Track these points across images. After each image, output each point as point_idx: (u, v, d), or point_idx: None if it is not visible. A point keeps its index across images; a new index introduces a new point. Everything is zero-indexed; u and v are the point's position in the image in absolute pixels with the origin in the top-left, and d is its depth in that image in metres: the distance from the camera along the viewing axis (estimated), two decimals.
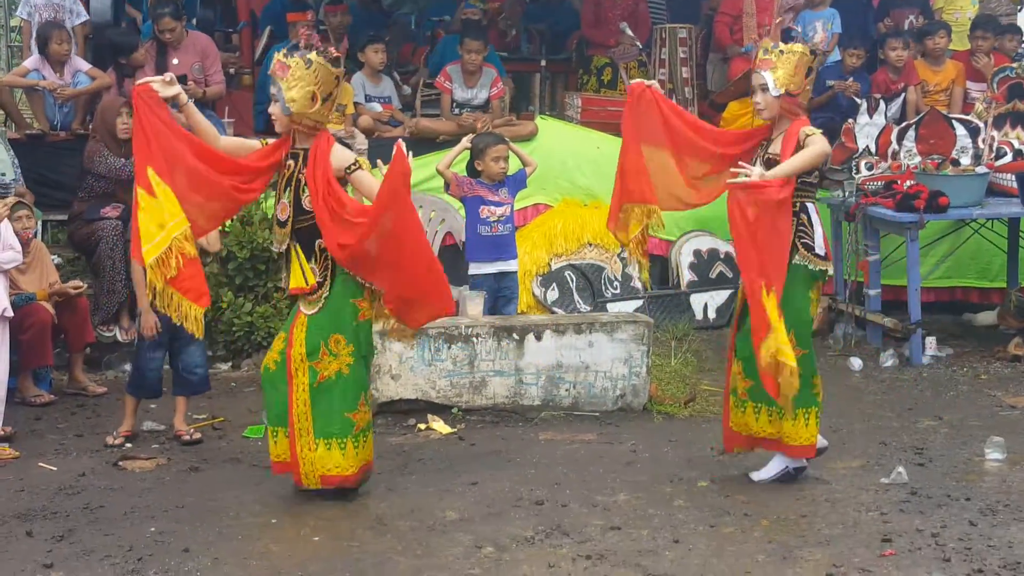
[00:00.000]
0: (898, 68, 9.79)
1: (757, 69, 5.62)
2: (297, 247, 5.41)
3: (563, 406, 6.96)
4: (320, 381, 5.36)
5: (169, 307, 5.27)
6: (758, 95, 5.61)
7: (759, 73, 5.60)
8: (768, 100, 5.58)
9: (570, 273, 9.03)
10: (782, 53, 5.58)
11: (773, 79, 5.55)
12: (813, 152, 5.47)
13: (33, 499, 5.60)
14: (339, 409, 5.40)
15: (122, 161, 7.89)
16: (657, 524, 5.23)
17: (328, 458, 5.41)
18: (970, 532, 5.12)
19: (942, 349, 8.45)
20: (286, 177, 5.41)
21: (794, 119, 5.59)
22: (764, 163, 5.57)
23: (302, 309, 5.44)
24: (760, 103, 5.62)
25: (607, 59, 10.85)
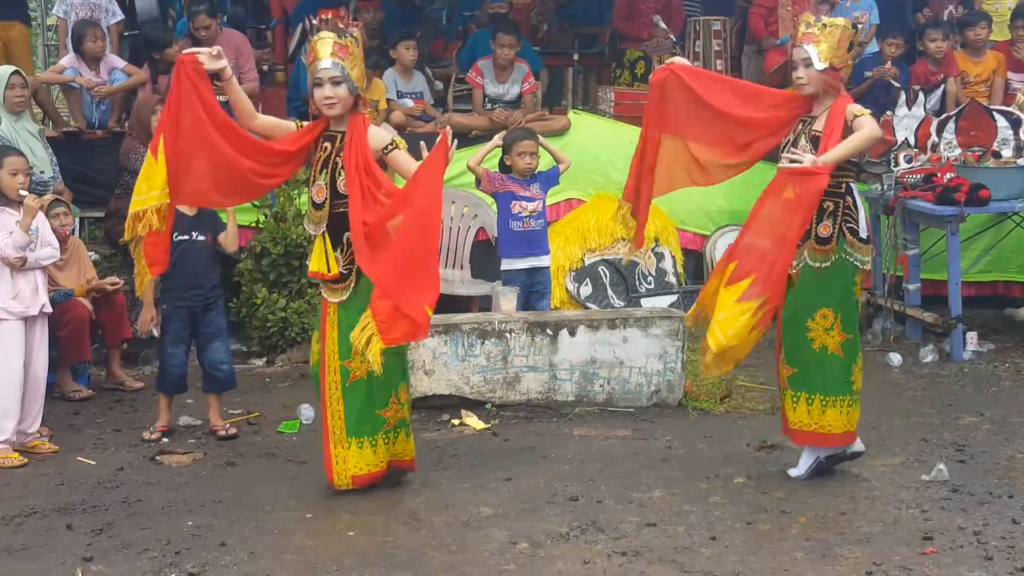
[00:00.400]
0: (937, 59, 9.70)
1: (800, 43, 5.51)
2: (326, 233, 5.39)
3: (597, 402, 6.93)
4: (352, 380, 5.35)
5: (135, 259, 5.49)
6: (800, 69, 5.51)
7: (801, 47, 5.50)
8: (811, 74, 5.49)
9: (603, 268, 8.99)
10: (825, 27, 5.51)
11: (817, 52, 5.47)
12: (865, 136, 5.39)
13: (72, 493, 5.63)
14: (369, 408, 5.40)
15: None
16: (693, 521, 5.19)
17: (360, 457, 5.41)
18: (1013, 530, 5.05)
19: (983, 344, 8.38)
20: (322, 159, 5.38)
21: (837, 95, 5.52)
22: (809, 139, 5.49)
23: (327, 297, 5.44)
24: (803, 77, 5.50)
25: (640, 52, 10.80)
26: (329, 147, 5.38)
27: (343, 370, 5.35)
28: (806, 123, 5.59)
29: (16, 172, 6.27)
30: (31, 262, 6.25)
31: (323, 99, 5.32)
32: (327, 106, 5.34)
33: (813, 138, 5.49)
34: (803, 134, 5.56)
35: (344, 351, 5.34)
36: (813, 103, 5.59)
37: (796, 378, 5.60)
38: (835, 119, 5.42)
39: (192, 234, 6.47)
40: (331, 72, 5.31)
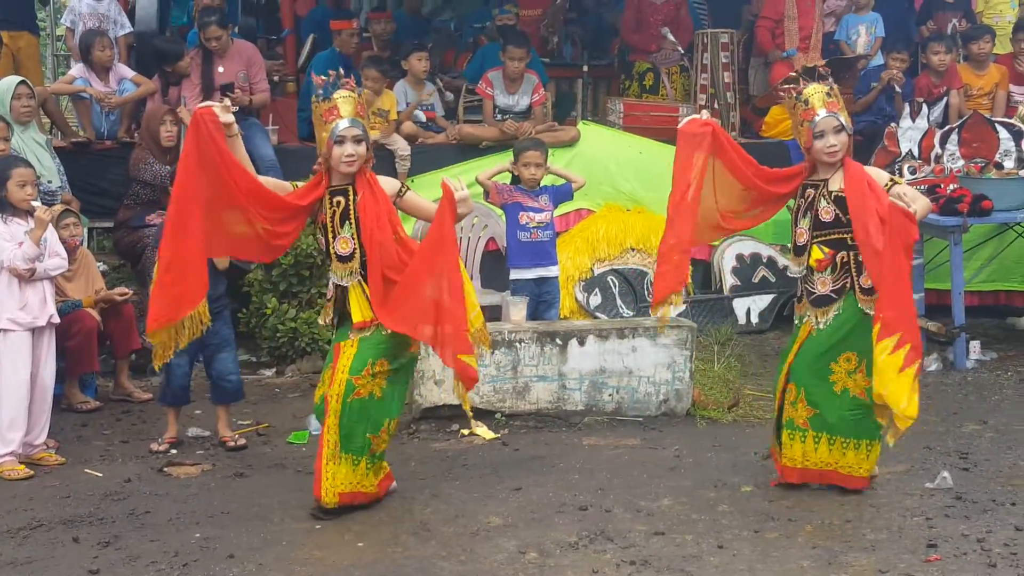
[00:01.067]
0: (940, 72, 9.73)
1: (830, 112, 5.53)
2: (362, 281, 5.39)
3: (606, 411, 6.96)
4: (354, 397, 5.37)
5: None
6: (831, 137, 5.50)
7: (833, 116, 5.52)
8: (843, 140, 5.53)
9: (613, 278, 9.02)
10: (839, 95, 5.62)
11: (844, 119, 5.56)
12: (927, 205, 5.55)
13: (79, 505, 5.65)
14: (362, 430, 5.38)
15: (167, 169, 7.97)
16: (701, 529, 5.21)
17: (351, 474, 5.40)
18: (1016, 537, 5.07)
19: (986, 353, 8.40)
20: (339, 213, 5.37)
21: (846, 157, 5.59)
22: (831, 201, 5.52)
23: (352, 335, 5.43)
24: (836, 145, 5.51)
25: (649, 64, 10.86)
26: (343, 201, 5.38)
27: (349, 384, 5.35)
28: (818, 187, 5.60)
29: (24, 183, 6.29)
30: (39, 273, 6.27)
31: (345, 156, 5.33)
32: (347, 163, 5.34)
33: (836, 199, 5.52)
34: (821, 197, 5.57)
35: (356, 367, 5.34)
36: (820, 169, 5.62)
37: (820, 419, 5.59)
38: (856, 178, 5.48)
39: None
40: (354, 131, 5.34)
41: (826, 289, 5.57)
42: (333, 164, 5.36)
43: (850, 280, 5.54)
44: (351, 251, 5.38)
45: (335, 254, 5.41)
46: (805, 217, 5.62)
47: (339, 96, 5.37)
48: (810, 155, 5.63)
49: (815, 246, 5.59)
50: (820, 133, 5.53)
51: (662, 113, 10.18)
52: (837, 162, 5.56)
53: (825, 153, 5.54)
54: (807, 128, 5.56)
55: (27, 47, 10.06)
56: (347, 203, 5.38)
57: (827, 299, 5.57)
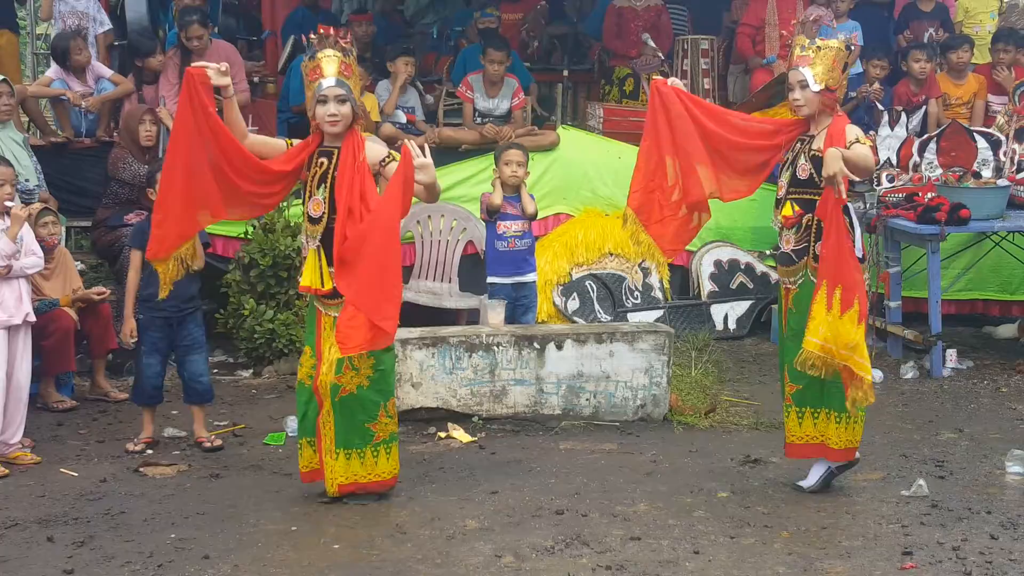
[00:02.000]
0: (920, 80, 9.78)
1: (795, 66, 5.57)
2: (321, 249, 5.41)
3: (583, 416, 6.96)
4: (342, 395, 5.39)
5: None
6: (797, 92, 5.56)
7: (798, 69, 5.55)
8: (808, 96, 5.54)
9: (591, 283, 9.03)
10: (819, 49, 5.57)
11: (812, 75, 5.53)
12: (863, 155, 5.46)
13: (54, 505, 5.62)
14: (360, 421, 5.46)
15: (146, 168, 7.94)
16: (677, 535, 5.22)
17: (347, 467, 5.48)
18: (991, 546, 5.10)
19: (963, 361, 8.43)
20: (318, 174, 5.41)
21: (834, 115, 5.59)
22: (809, 159, 5.54)
23: (322, 309, 5.47)
24: (800, 99, 5.56)
25: (629, 69, 10.87)
26: (326, 163, 5.41)
27: (333, 387, 5.38)
28: (804, 142, 5.64)
29: (3, 183, 6.28)
30: (15, 271, 6.25)
31: (327, 116, 5.36)
32: (331, 123, 5.37)
33: (813, 157, 5.54)
34: (802, 153, 5.61)
35: (337, 368, 5.37)
36: (810, 123, 5.64)
37: (801, 394, 5.64)
38: (835, 138, 5.45)
39: None
40: (337, 90, 5.36)
41: (789, 247, 5.64)
42: (318, 123, 5.39)
43: (808, 245, 5.57)
44: (320, 214, 5.39)
45: (307, 214, 5.44)
46: (787, 171, 5.64)
47: (323, 55, 5.40)
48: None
49: (789, 202, 5.61)
50: (790, 86, 5.60)
51: (641, 118, 10.02)
52: (806, 117, 5.60)
53: (792, 107, 5.62)
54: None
55: (7, 45, 10.00)
56: (329, 165, 5.39)
57: (788, 258, 5.65)
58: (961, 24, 10.97)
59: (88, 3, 9.79)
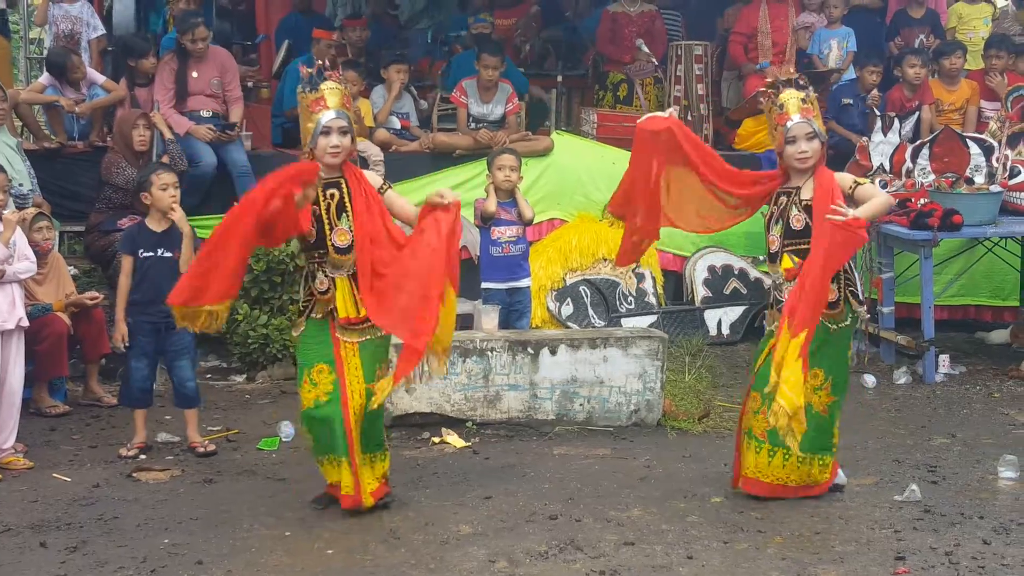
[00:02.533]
0: (914, 86, 9.81)
1: (803, 119, 5.54)
2: (353, 277, 5.40)
3: (577, 421, 6.96)
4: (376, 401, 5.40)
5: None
6: (804, 144, 5.52)
7: (806, 122, 5.54)
8: (815, 148, 5.54)
9: (585, 288, 9.04)
10: (813, 102, 5.62)
11: (817, 127, 5.57)
12: (884, 202, 5.54)
13: (47, 510, 5.62)
14: (380, 427, 5.58)
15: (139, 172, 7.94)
16: (671, 540, 5.22)
17: (372, 474, 5.52)
18: (983, 551, 5.11)
19: (955, 367, 8.45)
20: (334, 205, 5.37)
21: (818, 165, 5.61)
22: (801, 208, 5.53)
23: (343, 338, 5.41)
24: (808, 152, 5.53)
25: (623, 75, 10.89)
26: (338, 193, 5.38)
27: (368, 393, 5.38)
28: (790, 195, 5.61)
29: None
30: (9, 275, 6.25)
31: (330, 148, 5.35)
32: (332, 154, 5.36)
33: (806, 207, 5.52)
34: (792, 204, 5.58)
35: (368, 375, 5.39)
36: (792, 176, 5.63)
37: (775, 433, 5.44)
38: (828, 185, 5.46)
39: (158, 251, 6.47)
40: (340, 122, 5.37)
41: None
42: (318, 155, 5.37)
43: None
44: (348, 243, 5.37)
45: (332, 246, 5.38)
46: (777, 224, 5.64)
47: (326, 87, 5.39)
48: (782, 160, 5.65)
49: (786, 255, 5.60)
50: (792, 138, 5.55)
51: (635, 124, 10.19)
52: (808, 169, 5.57)
53: (796, 159, 5.56)
54: (780, 132, 5.58)
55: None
56: (341, 195, 5.38)
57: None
58: (954, 30, 11.01)
59: (82, 8, 9.81)
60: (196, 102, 9.04)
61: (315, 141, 5.36)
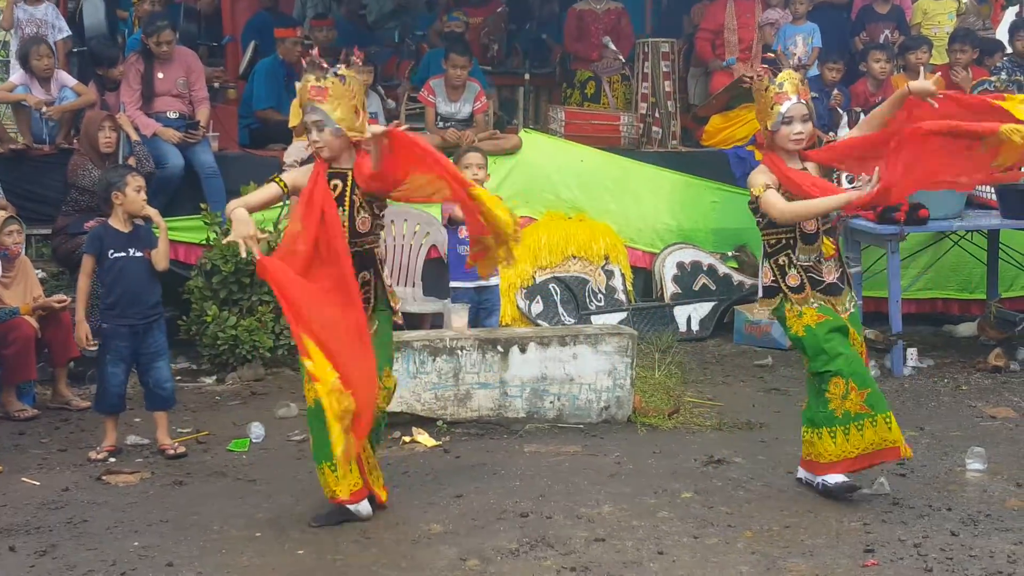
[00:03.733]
0: (879, 80, 9.87)
1: (801, 100, 5.55)
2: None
3: (548, 418, 6.97)
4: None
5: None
6: (799, 125, 5.53)
7: (803, 103, 5.56)
8: (809, 130, 5.58)
9: (554, 286, 9.06)
10: (807, 87, 5.66)
11: (811, 110, 5.61)
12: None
13: (16, 514, 5.58)
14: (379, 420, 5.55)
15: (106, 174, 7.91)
16: (641, 535, 5.24)
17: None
18: (951, 542, 5.15)
19: (923, 360, 8.51)
20: (335, 197, 5.30)
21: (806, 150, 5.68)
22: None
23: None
24: (804, 134, 5.56)
25: (590, 73, 10.92)
26: (340, 184, 5.31)
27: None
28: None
29: None
30: None
31: (312, 144, 5.31)
32: (317, 150, 5.31)
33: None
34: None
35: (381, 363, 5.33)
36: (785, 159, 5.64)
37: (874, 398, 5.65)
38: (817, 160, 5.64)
39: (128, 251, 6.41)
40: (312, 116, 5.26)
41: (832, 278, 5.64)
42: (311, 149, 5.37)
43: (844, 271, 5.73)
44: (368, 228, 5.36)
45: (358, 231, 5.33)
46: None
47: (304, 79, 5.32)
48: (770, 142, 5.62)
49: (822, 236, 5.62)
50: (789, 119, 5.55)
51: (603, 122, 10.24)
52: (797, 151, 5.59)
53: (791, 139, 5.56)
54: (775, 112, 5.56)
55: None
56: (343, 187, 5.31)
57: (836, 287, 5.65)
58: (920, 26, 11.09)
59: (47, 10, 9.75)
60: (162, 103, 9.02)
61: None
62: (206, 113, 9.20)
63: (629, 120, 10.19)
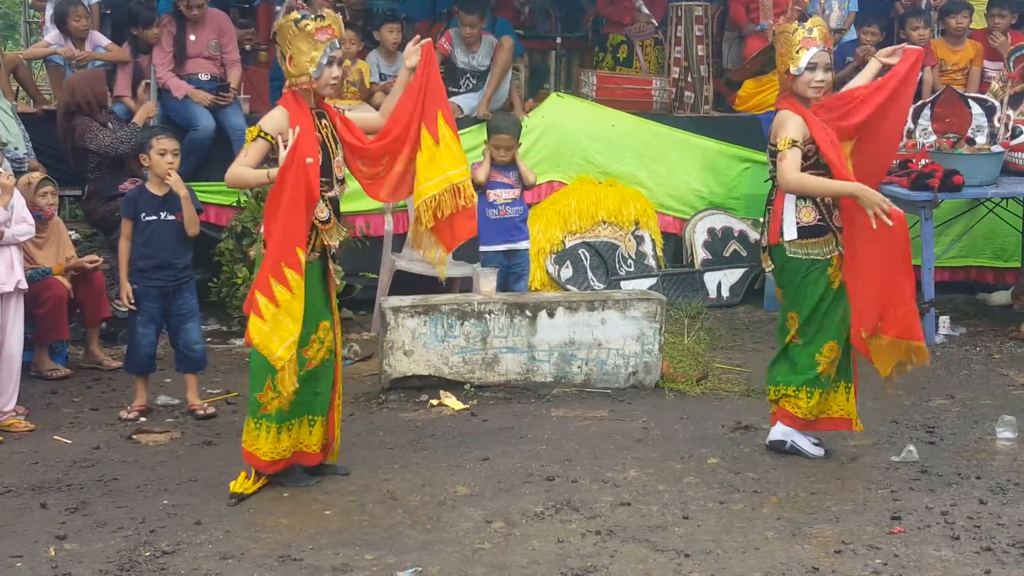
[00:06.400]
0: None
1: (827, 49, 5.52)
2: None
3: (575, 383, 6.98)
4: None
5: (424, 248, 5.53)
6: (821, 73, 5.50)
7: (828, 52, 5.53)
8: (829, 80, 5.56)
9: (584, 251, 9.03)
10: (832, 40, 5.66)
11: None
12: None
13: (48, 471, 5.65)
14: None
15: (109, 139, 7.96)
16: (667, 500, 5.24)
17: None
18: (979, 511, 5.13)
19: (955, 328, 8.46)
20: (330, 134, 5.34)
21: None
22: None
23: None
24: (824, 82, 5.53)
25: (623, 37, 10.83)
26: (328, 124, 5.36)
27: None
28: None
29: None
30: (7, 238, 6.24)
31: (332, 78, 5.30)
32: (333, 85, 5.33)
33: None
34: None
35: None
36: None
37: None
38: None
39: (161, 214, 6.46)
40: (340, 53, 5.32)
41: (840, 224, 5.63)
42: (320, 84, 5.30)
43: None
44: (343, 175, 5.41)
45: (336, 177, 5.36)
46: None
47: (331, 16, 5.31)
48: (793, 86, 5.56)
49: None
50: (813, 65, 5.50)
51: (635, 86, 10.18)
52: (817, 98, 5.55)
53: (812, 86, 5.52)
54: (800, 56, 5.50)
55: None
56: (332, 126, 5.36)
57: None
58: None
59: None
60: (194, 65, 9.02)
61: (320, 71, 5.26)
62: (237, 75, 9.20)
63: (661, 84, 10.12)
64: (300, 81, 5.29)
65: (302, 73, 5.27)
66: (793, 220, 5.56)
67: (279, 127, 5.23)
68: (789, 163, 5.41)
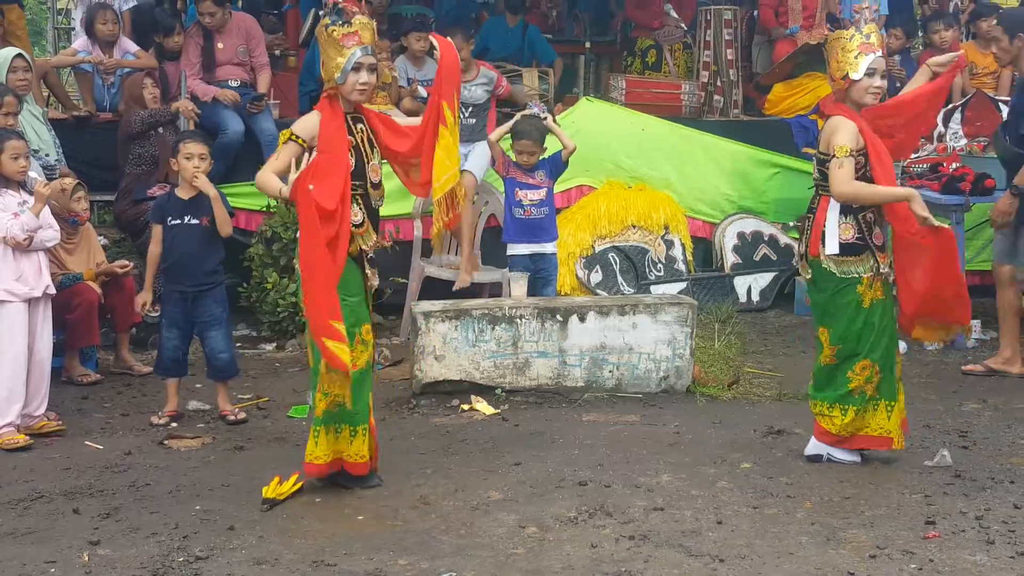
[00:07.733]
0: (943, 51, 9.69)
1: (881, 53, 5.48)
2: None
3: (606, 387, 6.96)
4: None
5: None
6: (878, 80, 5.46)
7: (884, 57, 5.50)
8: (884, 87, 5.53)
9: (614, 255, 9.02)
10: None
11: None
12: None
13: (80, 477, 5.66)
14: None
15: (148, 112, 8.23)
16: (700, 505, 5.22)
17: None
18: (1014, 515, 5.08)
19: (987, 332, 8.40)
20: (365, 139, 5.35)
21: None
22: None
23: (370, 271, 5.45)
24: (881, 89, 5.50)
25: (652, 41, 10.84)
26: (364, 128, 5.37)
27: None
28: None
29: (18, 156, 6.30)
30: (35, 243, 6.27)
31: (359, 84, 5.28)
32: (361, 91, 5.31)
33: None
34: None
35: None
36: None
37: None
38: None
39: (185, 218, 6.49)
40: (371, 59, 5.30)
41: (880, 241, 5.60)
42: (345, 90, 5.29)
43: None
44: (380, 179, 5.40)
45: (370, 181, 5.36)
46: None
47: (359, 22, 5.30)
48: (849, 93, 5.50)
49: None
50: (872, 71, 5.46)
51: (664, 90, 10.18)
52: (873, 104, 5.51)
53: (870, 92, 5.47)
54: (860, 62, 5.44)
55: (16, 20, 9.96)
56: (367, 131, 5.37)
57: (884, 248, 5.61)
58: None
59: None
60: (224, 72, 9.05)
61: (344, 77, 5.26)
62: (267, 79, 9.22)
63: (690, 89, 10.12)
64: (330, 86, 5.31)
65: (330, 78, 5.30)
66: (835, 232, 5.50)
67: (311, 131, 5.26)
68: (847, 172, 5.37)
